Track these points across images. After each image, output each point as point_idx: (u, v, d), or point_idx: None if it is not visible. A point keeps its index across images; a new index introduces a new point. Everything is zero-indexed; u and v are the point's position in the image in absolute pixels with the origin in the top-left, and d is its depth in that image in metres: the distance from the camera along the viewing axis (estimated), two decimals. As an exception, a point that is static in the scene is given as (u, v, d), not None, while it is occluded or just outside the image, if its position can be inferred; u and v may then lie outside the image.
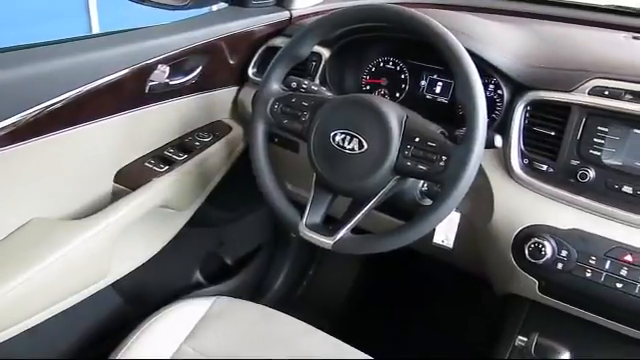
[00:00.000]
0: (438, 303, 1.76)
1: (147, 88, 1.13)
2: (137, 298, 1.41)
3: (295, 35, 1.06)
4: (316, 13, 1.36)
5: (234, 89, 1.36)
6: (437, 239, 1.08)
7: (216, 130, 1.31)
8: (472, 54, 0.95)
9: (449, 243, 1.08)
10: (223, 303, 1.13)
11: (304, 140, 1.03)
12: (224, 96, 1.35)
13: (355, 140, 0.95)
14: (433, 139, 0.92)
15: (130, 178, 1.15)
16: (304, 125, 1.02)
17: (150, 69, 1.12)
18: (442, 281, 1.72)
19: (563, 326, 1.08)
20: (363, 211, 0.98)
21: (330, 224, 1.01)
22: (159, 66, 1.13)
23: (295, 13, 1.37)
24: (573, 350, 0.88)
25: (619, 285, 0.94)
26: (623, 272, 0.94)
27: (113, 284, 1.15)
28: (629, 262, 0.94)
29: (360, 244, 0.98)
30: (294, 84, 1.09)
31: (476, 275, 1.27)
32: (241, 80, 1.36)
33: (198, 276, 1.60)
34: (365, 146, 0.95)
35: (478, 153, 0.88)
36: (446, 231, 1.08)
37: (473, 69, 0.90)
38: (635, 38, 1.17)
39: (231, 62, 1.31)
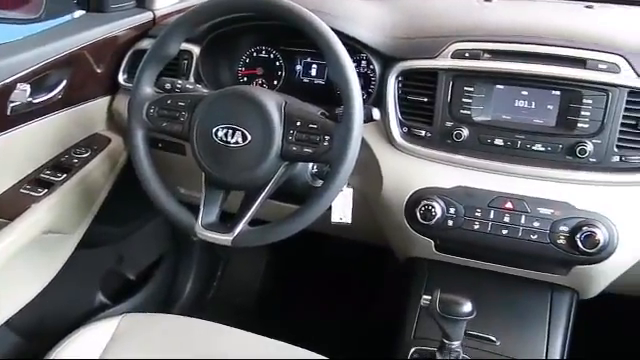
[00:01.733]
0: (349, 279, 1.80)
1: (8, 110, 1.06)
2: (36, 333, 1.32)
3: (160, 35, 1.03)
4: (180, 11, 1.32)
5: (106, 99, 1.31)
6: (335, 218, 1.11)
7: (94, 144, 1.25)
8: (339, 33, 0.97)
9: (347, 219, 1.10)
10: (131, 320, 1.09)
11: (186, 141, 1.01)
12: (97, 107, 1.29)
13: (238, 133, 0.95)
14: (314, 121, 0.94)
15: (5, 208, 1.07)
16: (184, 125, 1.00)
17: (8, 89, 1.05)
18: (349, 257, 1.76)
19: (462, 279, 1.15)
20: (257, 202, 0.98)
21: (227, 220, 1.00)
22: (18, 85, 1.06)
23: (158, 13, 1.33)
24: (474, 300, 0.94)
25: (504, 231, 1.02)
26: (506, 219, 1.01)
27: (6, 323, 1.08)
28: (510, 209, 1.01)
29: (260, 235, 0.98)
30: (168, 85, 1.07)
31: (379, 245, 1.31)
32: (113, 88, 1.30)
33: (101, 297, 1.53)
34: (249, 138, 0.94)
35: (358, 129, 0.91)
36: (342, 208, 1.10)
37: (341, 48, 0.92)
38: (486, 0, 1.24)
39: (98, 71, 1.25)
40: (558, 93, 0.98)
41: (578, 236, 0.97)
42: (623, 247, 0.98)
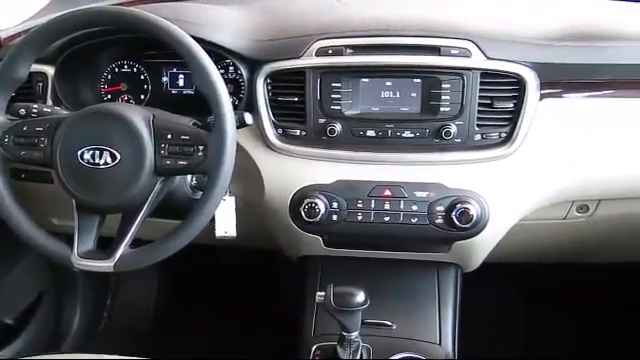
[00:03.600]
0: (244, 285, 1.78)
1: None
2: None
3: (4, 58, 0.95)
4: (27, 31, 1.23)
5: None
6: (219, 232, 1.09)
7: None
8: (201, 40, 0.95)
9: (232, 232, 1.09)
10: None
11: (50, 168, 0.94)
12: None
13: (106, 153, 0.90)
14: (185, 132, 0.91)
15: None
16: (45, 152, 0.93)
17: None
18: (242, 263, 1.74)
19: (355, 270, 1.17)
20: (136, 223, 0.94)
21: (108, 246, 0.95)
22: None
23: (3, 35, 1.23)
24: (367, 289, 0.97)
25: (386, 218, 1.05)
26: (386, 206, 1.05)
27: None
28: (389, 196, 1.05)
29: (143, 256, 0.94)
30: (22, 111, 0.99)
31: (270, 248, 1.31)
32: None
33: (-26, 350, 1.40)
34: (118, 157, 0.90)
35: (231, 135, 0.90)
36: (225, 218, 1.08)
37: (204, 56, 0.91)
38: (344, -3, 1.28)
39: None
40: (419, 81, 1.03)
41: (454, 214, 1.02)
42: (495, 218, 1.05)
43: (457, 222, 1.02)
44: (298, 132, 1.07)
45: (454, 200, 1.03)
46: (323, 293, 0.96)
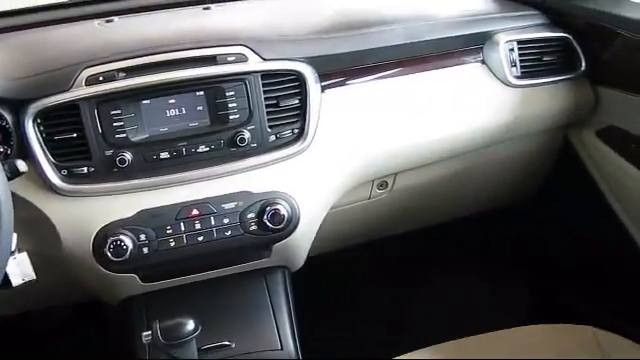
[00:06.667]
0: (71, 346, 1.61)
1: None
2: None
3: None
4: None
5: None
6: (16, 281, 0.94)
7: None
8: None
9: (31, 276, 0.96)
10: None
11: None
12: None
13: None
14: None
15: None
16: None
17: None
18: (62, 323, 1.58)
19: (182, 299, 1.12)
20: None
21: None
22: None
23: None
24: (198, 314, 0.93)
25: (200, 238, 1.02)
26: (197, 226, 1.01)
27: None
28: (197, 215, 1.01)
29: None
30: None
31: (88, 300, 1.20)
32: None
33: None
34: None
35: (2, 188, 0.79)
36: (22, 273, 0.95)
37: None
38: (108, 21, 1.21)
39: None
40: (202, 93, 1.01)
41: (265, 217, 1.02)
42: (306, 213, 1.07)
43: (270, 225, 1.02)
44: (85, 170, 0.98)
45: (263, 204, 1.03)
46: (149, 332, 0.91)
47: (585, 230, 1.50)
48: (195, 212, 1.01)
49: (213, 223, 1.01)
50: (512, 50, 1.23)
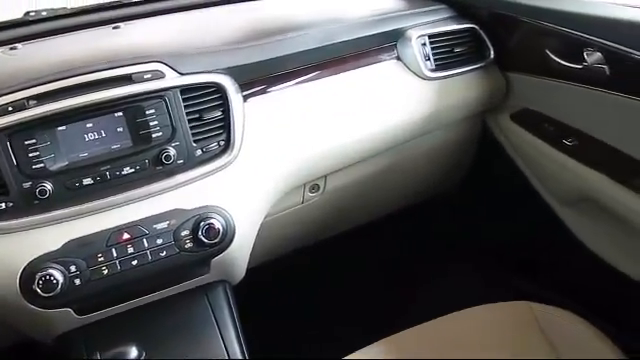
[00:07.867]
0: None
1: None
2: None
3: None
4: None
5: None
6: None
7: None
8: None
9: None
10: None
11: None
12: None
13: None
14: None
15: None
16: None
17: None
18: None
19: (123, 327, 1.08)
20: None
21: None
22: None
23: None
24: (142, 340, 0.90)
25: (134, 262, 0.99)
26: (130, 250, 0.98)
27: None
28: (129, 239, 0.98)
29: None
30: None
31: (21, 341, 1.14)
32: None
33: None
34: None
35: None
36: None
37: None
38: (12, 49, 1.15)
39: None
40: (121, 114, 0.98)
41: (200, 233, 1.00)
42: (241, 224, 1.06)
43: (206, 240, 1.01)
44: (4, 205, 0.93)
45: (197, 220, 1.01)
46: (91, 364, 0.87)
47: (513, 212, 1.56)
48: (126, 236, 0.98)
49: (146, 245, 0.99)
50: (424, 45, 1.28)
